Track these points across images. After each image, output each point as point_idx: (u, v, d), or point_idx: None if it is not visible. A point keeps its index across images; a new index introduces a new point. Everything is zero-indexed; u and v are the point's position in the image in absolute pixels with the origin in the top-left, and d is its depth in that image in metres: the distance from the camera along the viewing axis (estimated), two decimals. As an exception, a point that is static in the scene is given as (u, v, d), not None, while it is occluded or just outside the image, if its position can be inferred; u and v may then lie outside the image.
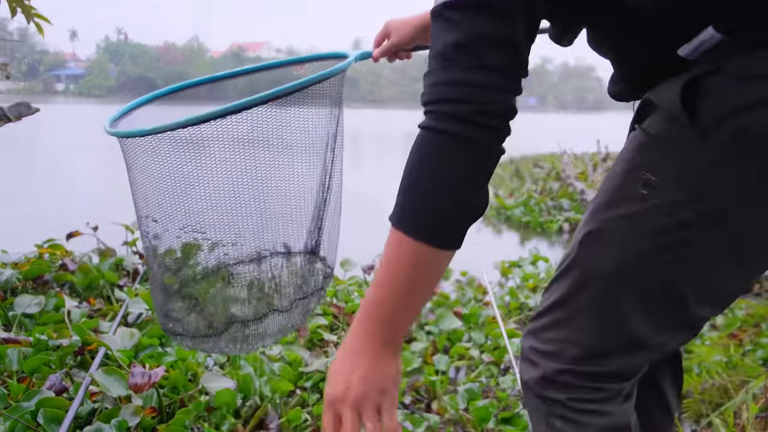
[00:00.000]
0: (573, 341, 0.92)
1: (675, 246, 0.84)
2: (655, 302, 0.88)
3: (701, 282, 0.86)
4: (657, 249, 0.85)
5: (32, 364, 1.88)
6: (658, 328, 0.89)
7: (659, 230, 0.84)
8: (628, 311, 0.88)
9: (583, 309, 0.92)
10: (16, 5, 2.68)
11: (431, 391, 2.13)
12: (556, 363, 0.93)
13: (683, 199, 0.83)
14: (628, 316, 0.88)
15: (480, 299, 3.17)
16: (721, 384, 2.06)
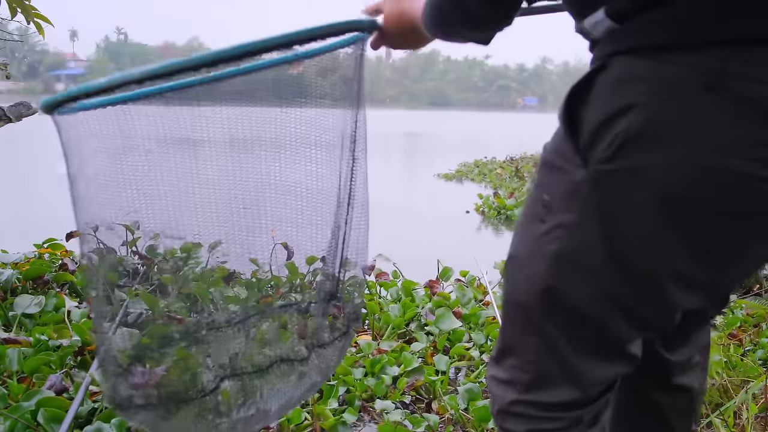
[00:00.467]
0: (521, 369, 0.88)
1: (570, 272, 0.79)
2: (569, 328, 0.83)
3: (604, 307, 0.80)
4: (555, 275, 0.80)
5: (32, 364, 1.88)
6: (583, 355, 0.84)
7: (554, 256, 0.79)
8: (553, 338, 0.83)
9: (518, 336, 0.88)
10: (17, 5, 2.68)
11: (431, 391, 2.14)
12: (510, 393, 0.88)
13: (569, 221, 0.77)
14: (554, 343, 0.84)
15: (480, 299, 3.16)
16: (721, 384, 2.06)
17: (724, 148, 0.66)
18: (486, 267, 3.48)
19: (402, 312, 2.82)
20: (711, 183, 0.68)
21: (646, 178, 0.70)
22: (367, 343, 2.38)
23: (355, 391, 2.05)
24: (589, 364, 0.84)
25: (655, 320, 0.82)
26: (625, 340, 0.84)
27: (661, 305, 0.78)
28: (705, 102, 0.65)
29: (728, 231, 0.71)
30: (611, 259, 0.75)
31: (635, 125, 0.69)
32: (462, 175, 10.59)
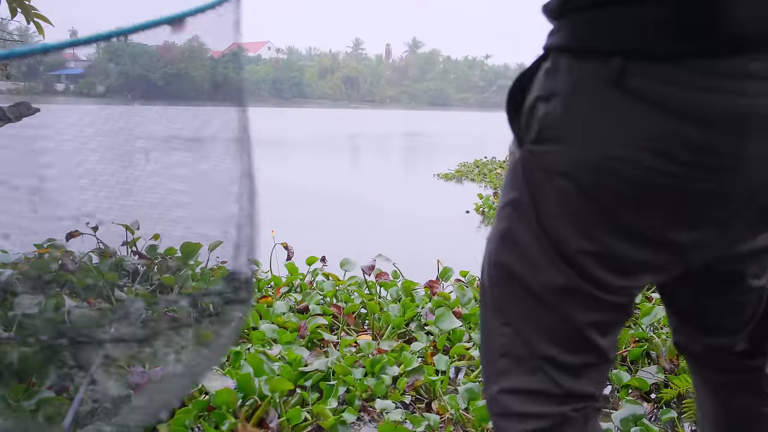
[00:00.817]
0: (494, 354, 0.92)
1: (515, 248, 0.85)
2: (525, 308, 0.86)
3: (545, 284, 0.84)
4: (505, 252, 0.86)
5: (32, 364, 1.88)
6: (543, 336, 0.86)
7: (503, 233, 0.86)
8: (514, 319, 0.88)
9: (487, 321, 0.93)
10: (17, 5, 2.68)
11: (431, 391, 2.14)
12: (493, 383, 0.92)
13: (514, 199, 0.85)
14: (516, 325, 0.88)
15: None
16: (720, 384, 2.05)
17: (622, 139, 0.72)
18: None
19: (402, 312, 2.82)
20: (611, 171, 0.74)
21: (559, 161, 0.77)
22: (367, 343, 2.38)
23: (355, 391, 2.05)
24: (552, 347, 0.86)
25: (594, 302, 0.83)
26: (581, 323, 0.84)
27: (590, 284, 0.81)
28: (609, 96, 0.72)
29: (632, 216, 0.76)
30: (540, 232, 0.81)
31: (553, 112, 0.76)
32: (462, 175, 10.59)
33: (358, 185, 10.18)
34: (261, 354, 2.12)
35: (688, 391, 2.06)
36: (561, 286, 0.82)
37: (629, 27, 0.71)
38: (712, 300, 0.96)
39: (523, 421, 0.88)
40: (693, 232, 0.78)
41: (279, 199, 7.92)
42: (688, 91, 0.68)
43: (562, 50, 0.77)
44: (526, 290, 0.85)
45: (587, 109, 0.74)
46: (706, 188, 0.73)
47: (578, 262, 0.80)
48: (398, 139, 22.07)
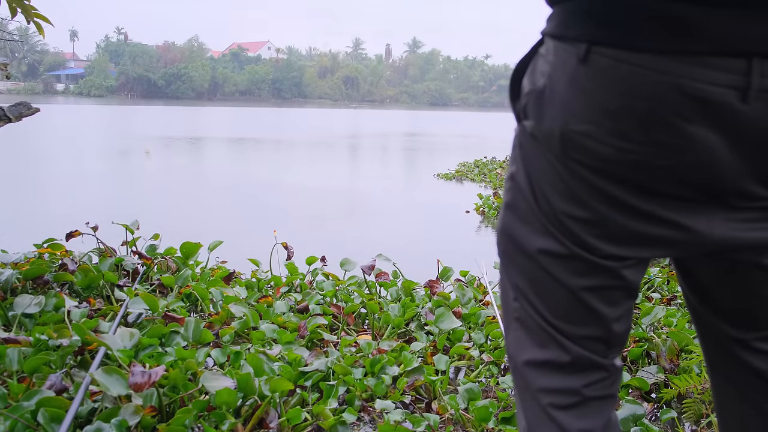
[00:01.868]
0: (512, 322, 0.98)
1: (515, 216, 0.92)
2: (528, 277, 0.92)
3: (540, 249, 0.89)
4: (508, 221, 0.93)
5: (32, 364, 1.88)
6: (548, 302, 0.90)
7: (506, 205, 0.93)
8: (520, 287, 0.93)
9: (502, 291, 1.01)
10: (17, 5, 2.68)
11: (431, 391, 2.14)
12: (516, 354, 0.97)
13: (513, 172, 0.91)
14: (523, 292, 0.93)
15: (480, 299, 3.17)
16: (720, 384, 2.05)
17: (584, 113, 0.78)
18: (486, 267, 3.48)
19: (402, 312, 2.82)
20: (578, 144, 0.80)
21: (541, 134, 0.84)
22: (367, 343, 2.38)
23: (354, 391, 2.05)
24: (556, 317, 0.90)
25: (586, 266, 0.86)
26: (576, 288, 0.87)
27: (580, 248, 0.85)
28: (576, 72, 0.78)
29: (608, 187, 0.81)
30: (533, 200, 0.87)
31: (537, 89, 0.84)
32: (462, 175, 10.59)
33: (358, 185, 10.18)
34: (261, 354, 2.12)
35: (688, 391, 2.06)
36: (554, 251, 0.87)
37: (591, 21, 0.78)
38: (741, 294, 0.92)
39: (544, 395, 0.91)
40: (666, 208, 0.81)
41: (279, 199, 7.92)
42: (643, 70, 0.73)
43: (550, 36, 0.84)
44: (527, 258, 0.90)
45: (560, 85, 0.80)
46: (663, 165, 0.77)
47: (567, 227, 0.85)
48: (398, 139, 22.07)
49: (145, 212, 6.16)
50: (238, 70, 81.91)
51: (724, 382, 1.01)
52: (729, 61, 0.71)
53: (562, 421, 0.90)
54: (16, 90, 62.98)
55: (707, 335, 1.01)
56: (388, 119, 38.58)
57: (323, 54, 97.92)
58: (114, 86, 73.44)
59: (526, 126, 0.87)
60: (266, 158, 14.50)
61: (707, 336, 1.01)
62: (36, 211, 6.54)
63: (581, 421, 0.90)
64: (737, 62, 0.71)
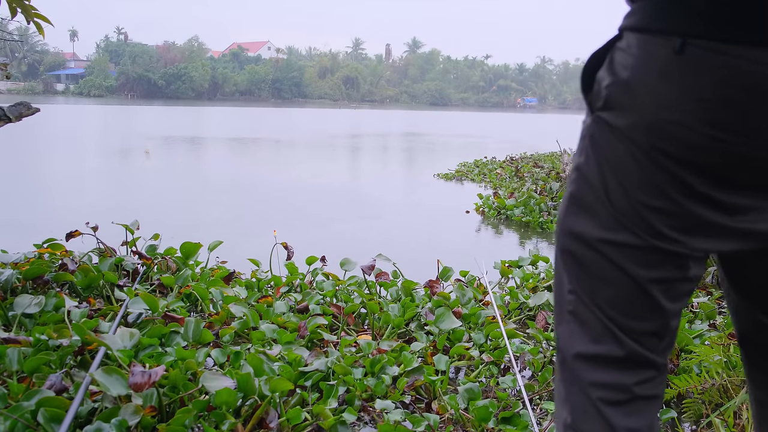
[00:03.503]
0: (565, 317, 0.98)
1: (580, 209, 0.91)
2: (590, 271, 0.92)
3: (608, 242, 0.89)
4: (571, 214, 0.93)
5: (32, 364, 1.88)
6: (608, 297, 0.90)
7: (570, 196, 0.93)
8: (581, 281, 0.93)
9: (556, 282, 1.00)
10: (16, 5, 2.68)
11: (431, 391, 2.14)
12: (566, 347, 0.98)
13: (580, 163, 0.91)
14: (584, 286, 0.93)
15: (480, 299, 3.17)
16: (721, 384, 2.06)
17: (677, 104, 0.79)
18: (486, 267, 3.48)
19: (402, 312, 2.82)
20: (668, 134, 0.81)
21: (624, 125, 0.84)
22: (367, 343, 2.38)
23: (354, 391, 2.05)
24: (617, 312, 0.89)
25: (657, 257, 0.86)
26: (643, 279, 0.88)
27: (653, 238, 0.86)
28: (669, 64, 0.80)
29: (691, 177, 0.82)
30: (603, 190, 0.88)
31: (620, 81, 0.85)
32: (462, 175, 10.59)
33: (358, 185, 10.18)
34: (261, 354, 2.12)
35: (687, 391, 2.06)
36: (623, 242, 0.87)
37: (687, 14, 0.80)
38: None
39: (594, 389, 0.91)
40: (749, 199, 0.82)
41: (279, 199, 7.92)
42: (740, 61, 0.75)
43: (634, 30, 0.85)
44: (590, 249, 0.90)
45: (648, 77, 0.82)
46: (755, 156, 0.79)
47: (643, 218, 0.86)
48: (398, 139, 22.07)
49: (145, 212, 6.16)
50: (238, 70, 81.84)
51: None
52: None
53: (611, 416, 0.89)
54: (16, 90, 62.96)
55: (752, 340, 1.01)
56: (388, 119, 38.57)
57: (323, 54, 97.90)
58: (114, 86, 73.40)
59: (604, 117, 0.87)
60: (266, 158, 14.50)
61: (753, 342, 1.01)
62: (36, 211, 6.54)
63: (629, 419, 0.90)
64: None
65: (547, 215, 6.49)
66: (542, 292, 3.07)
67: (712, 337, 2.54)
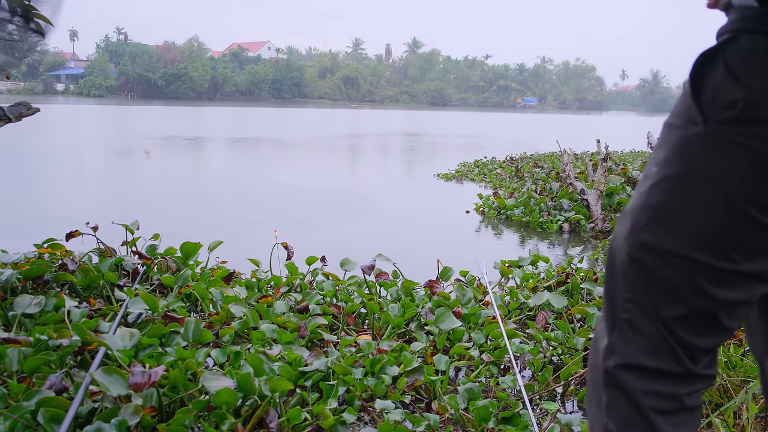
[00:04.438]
0: (617, 323, 0.97)
1: (670, 221, 0.88)
2: (656, 282, 0.90)
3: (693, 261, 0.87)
4: (655, 225, 0.89)
5: (32, 364, 1.88)
6: (672, 309, 0.89)
7: (657, 205, 0.88)
8: (643, 289, 0.91)
9: (613, 289, 0.99)
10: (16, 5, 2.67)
11: (431, 391, 2.14)
12: (613, 356, 0.97)
13: (675, 173, 0.87)
14: (645, 295, 0.91)
15: (480, 299, 3.17)
16: (721, 384, 2.05)
17: None
18: (486, 267, 3.48)
19: (402, 312, 2.82)
20: None
21: (752, 138, 0.79)
22: (367, 343, 2.38)
23: (354, 391, 2.05)
24: (679, 322, 0.88)
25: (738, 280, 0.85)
26: (713, 299, 0.86)
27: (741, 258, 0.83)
28: None
29: None
30: (705, 209, 0.83)
31: (754, 94, 0.79)
32: (462, 175, 10.58)
33: (358, 185, 10.18)
34: (261, 354, 2.12)
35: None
36: (706, 261, 0.84)
37: None
38: None
39: (647, 398, 0.90)
40: None
41: (279, 199, 7.92)
42: None
43: (764, 35, 0.80)
44: (670, 265, 0.87)
45: None
46: None
47: (733, 237, 0.83)
48: (398, 139, 22.07)
49: (145, 212, 6.16)
50: (238, 70, 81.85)
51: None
52: None
53: (660, 425, 0.89)
54: (16, 90, 62.96)
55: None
56: (388, 119, 38.57)
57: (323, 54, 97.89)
58: (114, 86, 73.41)
59: (734, 130, 0.82)
60: (266, 158, 14.49)
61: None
62: (36, 211, 6.54)
63: (676, 429, 0.89)
64: None
65: (547, 215, 6.49)
66: (542, 292, 3.07)
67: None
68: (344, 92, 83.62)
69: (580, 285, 3.21)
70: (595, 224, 6.14)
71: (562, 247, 5.55)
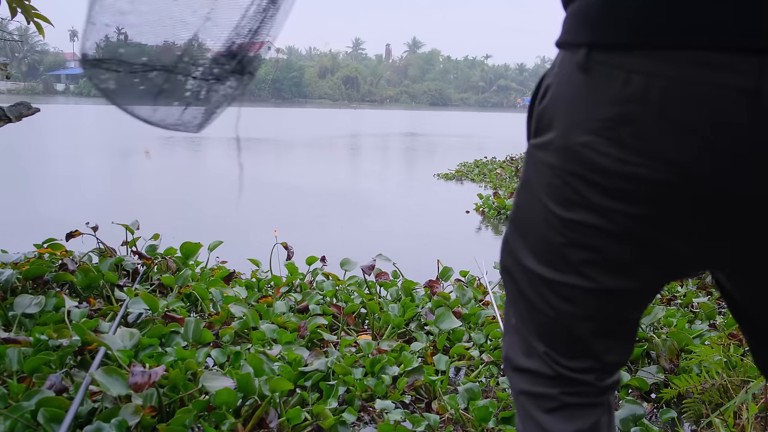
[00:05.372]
0: (511, 327, 1.00)
1: (517, 225, 0.93)
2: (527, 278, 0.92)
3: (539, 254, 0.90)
4: (511, 228, 0.96)
5: (32, 364, 1.88)
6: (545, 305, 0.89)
7: (513, 212, 0.95)
8: (519, 286, 0.94)
9: (505, 288, 1.03)
10: (16, 5, 2.68)
11: (431, 391, 2.14)
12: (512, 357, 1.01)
13: (521, 182, 0.92)
14: (522, 291, 0.94)
15: (480, 299, 3.17)
16: (721, 384, 2.05)
17: (583, 123, 0.74)
18: (486, 267, 3.48)
19: (402, 312, 2.82)
20: (576, 157, 0.76)
21: (543, 150, 0.81)
22: (367, 343, 2.38)
23: (354, 391, 2.05)
24: (543, 337, 0.89)
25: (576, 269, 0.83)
26: (565, 318, 0.86)
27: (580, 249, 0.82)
28: (577, 81, 0.74)
29: (602, 203, 0.76)
30: (535, 204, 0.85)
31: (545, 104, 0.81)
32: (462, 175, 10.59)
33: (359, 185, 10.18)
34: (261, 354, 2.12)
35: (687, 391, 2.06)
36: (546, 276, 0.85)
37: (591, 20, 0.74)
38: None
39: (525, 398, 0.93)
40: (663, 231, 0.75)
41: (279, 199, 7.92)
42: (636, 74, 0.68)
43: (558, 46, 0.81)
44: (525, 275, 0.88)
45: (563, 97, 0.77)
46: (662, 180, 0.71)
47: (561, 250, 0.83)
48: (398, 139, 22.06)
49: (145, 212, 6.16)
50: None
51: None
52: (736, 59, 0.63)
53: (543, 422, 0.90)
54: (16, 90, 62.98)
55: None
56: (388, 119, 38.57)
57: (323, 54, 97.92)
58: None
59: (532, 144, 0.85)
60: (266, 158, 14.49)
61: None
62: (36, 211, 6.54)
63: (564, 425, 0.89)
64: (747, 60, 0.63)
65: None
66: (542, 292, 3.07)
67: (712, 337, 2.54)
68: (344, 92, 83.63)
69: (580, 285, 3.20)
70: (595, 224, 6.14)
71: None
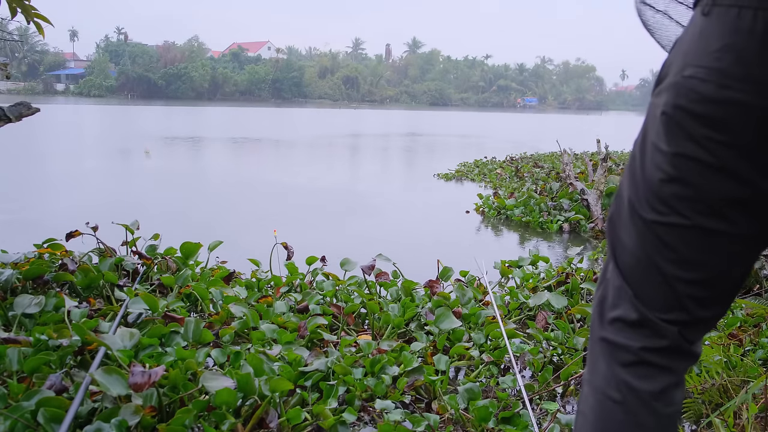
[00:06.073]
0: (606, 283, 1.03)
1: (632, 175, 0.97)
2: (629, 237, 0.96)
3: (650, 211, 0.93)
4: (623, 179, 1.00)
5: (32, 364, 1.88)
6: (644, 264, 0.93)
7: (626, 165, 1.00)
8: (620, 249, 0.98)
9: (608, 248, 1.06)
10: (16, 5, 2.68)
11: (431, 391, 2.14)
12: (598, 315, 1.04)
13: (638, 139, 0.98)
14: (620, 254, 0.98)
15: (480, 299, 3.17)
16: (721, 384, 2.05)
17: (693, 60, 0.82)
18: (486, 267, 3.48)
19: (402, 312, 2.82)
20: (682, 89, 0.83)
21: (659, 97, 0.88)
22: (367, 343, 2.38)
23: (354, 391, 2.05)
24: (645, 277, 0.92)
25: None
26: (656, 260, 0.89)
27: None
28: (696, 26, 0.84)
29: (703, 132, 0.82)
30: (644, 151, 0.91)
31: (668, 57, 0.89)
32: (462, 175, 10.59)
33: (359, 185, 10.18)
34: (261, 354, 2.12)
35: (688, 391, 2.06)
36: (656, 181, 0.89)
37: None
38: None
39: (611, 349, 0.94)
40: (760, 169, 0.81)
41: (279, 199, 7.92)
42: (746, 9, 0.77)
43: (693, 6, 0.90)
44: (622, 208, 0.93)
45: (681, 43, 0.87)
46: (760, 105, 0.78)
47: (670, 164, 0.86)
48: (398, 139, 22.07)
49: (145, 212, 6.16)
50: (238, 70, 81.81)
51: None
52: None
53: (618, 373, 0.92)
54: (16, 90, 62.96)
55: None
56: (388, 119, 38.57)
57: (323, 54, 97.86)
58: (114, 86, 73.39)
59: (654, 94, 0.91)
60: (266, 158, 14.50)
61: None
62: (36, 211, 6.54)
63: (638, 381, 0.91)
64: None
65: (547, 215, 6.49)
66: (542, 292, 3.07)
67: (712, 337, 2.55)
68: (344, 92, 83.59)
69: (580, 285, 3.21)
70: (595, 224, 6.14)
71: (562, 247, 5.56)
